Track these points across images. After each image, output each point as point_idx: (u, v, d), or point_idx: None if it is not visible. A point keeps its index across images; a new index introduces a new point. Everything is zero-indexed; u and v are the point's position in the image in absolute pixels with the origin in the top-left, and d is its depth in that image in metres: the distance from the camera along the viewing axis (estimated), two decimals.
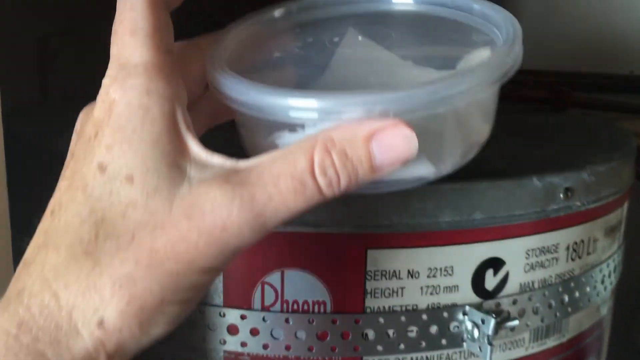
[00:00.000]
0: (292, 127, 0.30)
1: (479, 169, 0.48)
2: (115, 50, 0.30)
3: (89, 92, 0.31)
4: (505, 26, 0.33)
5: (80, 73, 0.78)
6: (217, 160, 0.29)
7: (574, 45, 1.02)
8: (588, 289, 0.53)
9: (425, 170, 0.33)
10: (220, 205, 0.27)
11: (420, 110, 0.29)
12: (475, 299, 0.47)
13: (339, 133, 0.28)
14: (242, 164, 0.29)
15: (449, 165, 0.35)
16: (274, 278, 0.45)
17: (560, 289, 0.51)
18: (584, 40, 1.02)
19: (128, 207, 0.27)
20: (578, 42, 1.02)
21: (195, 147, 0.29)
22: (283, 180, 0.27)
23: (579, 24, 1.02)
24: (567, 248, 0.51)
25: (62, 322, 0.27)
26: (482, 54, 0.33)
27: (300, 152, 0.28)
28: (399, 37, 0.38)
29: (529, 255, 0.49)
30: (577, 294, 0.52)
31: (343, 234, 0.44)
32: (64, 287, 0.27)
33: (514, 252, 0.48)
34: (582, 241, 0.52)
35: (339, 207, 0.44)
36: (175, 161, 0.28)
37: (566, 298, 0.51)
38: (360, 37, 0.36)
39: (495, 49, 0.33)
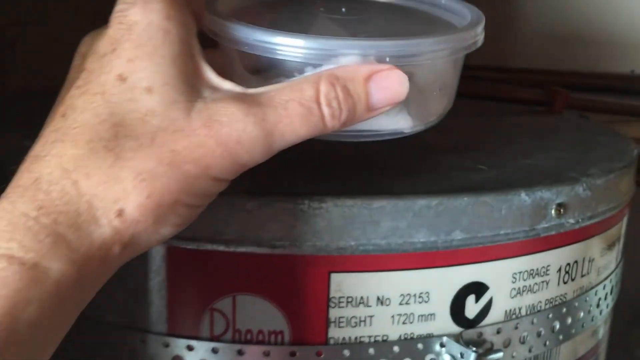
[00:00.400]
0: (299, 69, 0.33)
1: (459, 181, 0.43)
2: None
3: (49, 82, 0.32)
4: (470, 15, 0.38)
5: (39, 64, 0.73)
6: (228, 85, 0.31)
7: (571, 44, 0.97)
8: (582, 314, 0.48)
9: (404, 123, 0.37)
10: (236, 119, 0.30)
11: (412, 58, 0.33)
12: (454, 328, 0.42)
13: (341, 71, 0.32)
14: (252, 90, 0.31)
15: (422, 123, 0.38)
16: (224, 304, 0.39)
17: (550, 316, 0.45)
18: (583, 38, 0.96)
19: (147, 114, 0.29)
20: (576, 40, 0.97)
21: (208, 71, 0.31)
22: (292, 105, 0.30)
23: (578, 21, 0.96)
24: (559, 270, 0.45)
25: (82, 209, 0.28)
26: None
27: (308, 83, 0.31)
28: (373, 19, 0.42)
29: (515, 278, 0.43)
30: (569, 320, 0.47)
31: (303, 256, 0.39)
32: (84, 176, 0.28)
33: (498, 275, 0.42)
34: (576, 262, 0.47)
35: (299, 224, 0.38)
36: (191, 81, 0.30)
37: (557, 325, 0.46)
38: (343, 9, 0.41)
39: (462, 27, 0.38)
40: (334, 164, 0.45)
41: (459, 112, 0.51)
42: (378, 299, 0.40)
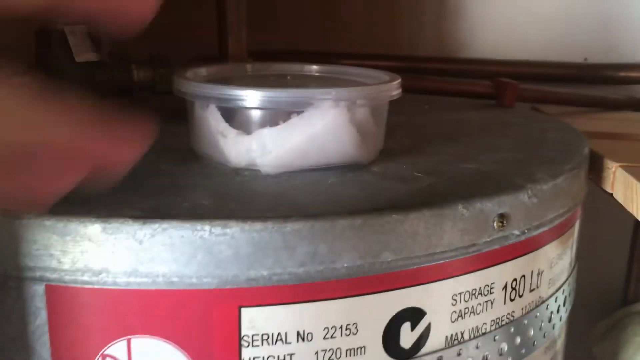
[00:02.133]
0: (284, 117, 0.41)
1: (388, 194, 0.38)
2: None
3: None
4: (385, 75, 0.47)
5: None
6: None
7: (521, 32, 0.93)
8: (532, 331, 0.44)
9: (364, 155, 0.43)
10: None
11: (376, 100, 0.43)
12: None
13: None
14: None
15: (373, 156, 0.45)
16: (118, 349, 0.34)
17: (497, 338, 0.41)
18: (533, 26, 0.93)
19: None
20: (526, 29, 0.93)
21: None
22: None
23: (527, 8, 0.93)
24: (505, 287, 0.41)
25: None
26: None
27: None
28: (315, 84, 0.51)
29: (456, 300, 0.38)
30: (518, 340, 0.43)
31: (208, 290, 0.33)
32: None
33: (436, 298, 0.38)
34: (523, 277, 0.42)
35: (200, 254, 0.33)
36: None
37: (505, 347, 0.42)
38: (289, 77, 0.51)
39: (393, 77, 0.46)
40: (239, 184, 0.40)
41: (400, 109, 0.47)
42: (298, 334, 0.35)
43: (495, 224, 0.39)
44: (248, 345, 0.34)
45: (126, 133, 0.30)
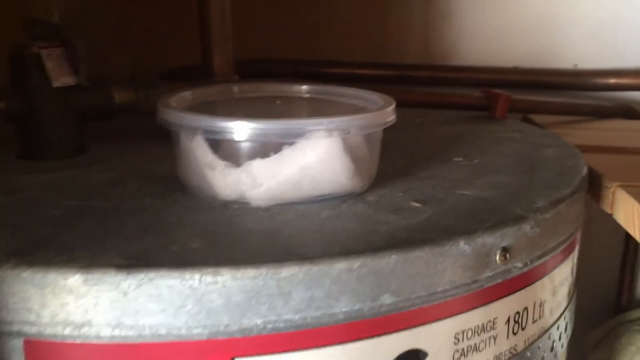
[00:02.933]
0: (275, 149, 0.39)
1: (385, 231, 0.36)
2: None
3: None
4: (377, 97, 0.45)
5: None
6: None
7: (510, 38, 0.92)
8: None
9: (358, 184, 0.42)
10: None
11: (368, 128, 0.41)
12: None
13: None
14: None
15: (367, 184, 0.43)
16: None
17: None
18: (522, 32, 0.91)
19: None
20: (515, 35, 0.91)
21: None
22: None
23: (515, 15, 0.91)
24: (508, 321, 0.39)
25: None
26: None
27: None
28: (304, 108, 0.50)
29: (458, 339, 0.37)
30: None
31: (198, 342, 0.31)
32: None
33: (438, 339, 0.36)
34: (526, 309, 0.41)
35: (189, 304, 0.31)
36: None
37: None
38: (278, 102, 0.49)
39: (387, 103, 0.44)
40: (228, 219, 0.38)
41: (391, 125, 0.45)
42: None
43: (497, 258, 0.37)
44: None
45: None
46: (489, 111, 0.71)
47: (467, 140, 0.61)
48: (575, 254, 0.48)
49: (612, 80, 0.88)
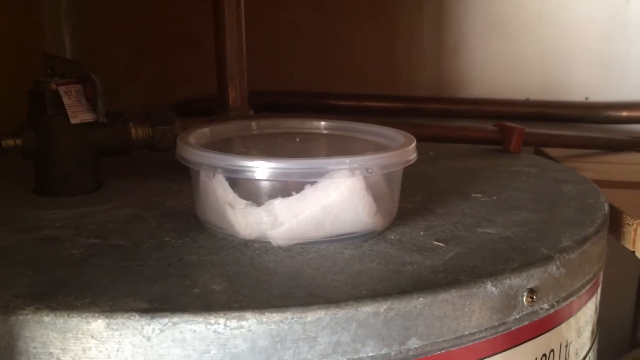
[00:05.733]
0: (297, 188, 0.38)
1: (410, 272, 0.35)
2: None
3: None
4: (397, 135, 0.46)
5: None
6: None
7: (521, 71, 0.92)
8: None
9: (379, 223, 0.41)
10: None
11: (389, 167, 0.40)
12: None
13: None
14: None
15: (388, 222, 0.43)
16: None
17: None
18: (533, 64, 0.92)
19: None
20: (526, 67, 0.92)
21: None
22: None
23: (526, 47, 0.92)
24: None
25: None
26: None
27: None
28: (324, 145, 0.50)
29: None
30: None
31: None
32: None
33: None
34: (552, 351, 0.40)
35: (213, 349, 0.30)
36: None
37: None
38: (297, 139, 0.49)
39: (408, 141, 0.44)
40: (249, 259, 0.38)
41: None
42: None
43: (524, 300, 0.36)
44: None
45: None
46: (503, 145, 0.71)
47: (483, 175, 0.61)
48: (598, 294, 0.47)
49: (624, 113, 0.88)
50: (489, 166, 0.64)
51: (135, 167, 0.58)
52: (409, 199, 0.49)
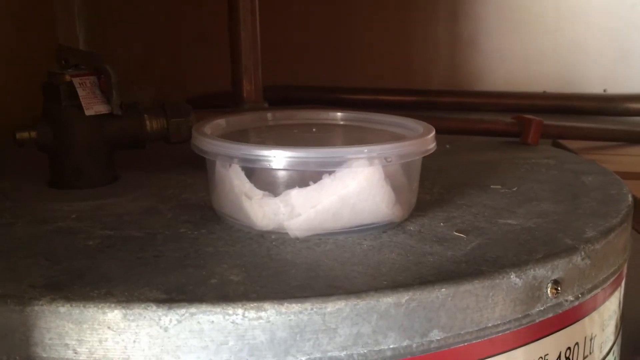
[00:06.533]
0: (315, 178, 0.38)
1: (432, 262, 0.35)
2: None
3: None
4: (416, 125, 0.45)
5: None
6: None
7: (538, 64, 0.91)
8: None
9: (398, 213, 0.40)
10: None
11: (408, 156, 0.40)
12: None
13: None
14: None
15: (407, 213, 0.42)
16: None
17: None
18: (550, 57, 0.90)
19: None
20: (543, 60, 0.91)
21: None
22: None
23: (542, 40, 0.90)
24: (559, 357, 0.37)
25: None
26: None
27: None
28: (340, 135, 0.49)
29: None
30: None
31: None
32: None
33: None
34: (577, 344, 0.39)
35: (231, 340, 0.30)
36: None
37: None
38: (314, 130, 0.48)
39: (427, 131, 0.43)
40: (267, 250, 0.37)
41: None
42: None
43: (549, 291, 0.35)
44: None
45: None
46: (521, 137, 0.69)
47: (502, 167, 0.60)
48: (622, 287, 0.46)
49: None
50: (507, 158, 0.63)
51: (149, 160, 0.57)
52: (427, 191, 0.49)
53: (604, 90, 0.89)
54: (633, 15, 0.89)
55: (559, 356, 0.38)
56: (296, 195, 0.37)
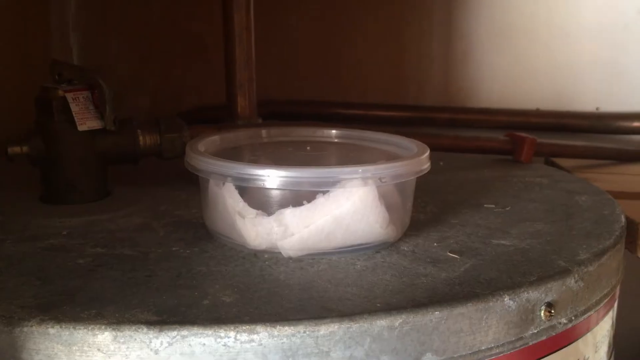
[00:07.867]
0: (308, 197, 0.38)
1: (425, 285, 0.34)
2: None
3: None
4: (410, 144, 0.45)
5: None
6: None
7: (531, 80, 0.91)
8: None
9: (392, 233, 0.40)
10: None
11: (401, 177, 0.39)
12: None
13: None
14: None
15: (401, 233, 0.42)
16: None
17: None
18: (543, 74, 0.91)
19: None
20: (536, 77, 0.91)
21: None
22: None
23: (535, 57, 0.91)
24: None
25: None
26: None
27: None
28: (334, 153, 0.50)
29: None
30: None
31: None
32: None
33: None
34: None
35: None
36: None
37: None
38: (308, 147, 0.48)
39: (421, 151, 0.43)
40: (260, 270, 0.37)
41: None
42: None
43: (542, 314, 0.35)
44: None
45: None
46: (514, 155, 0.70)
47: (495, 185, 0.60)
48: (615, 308, 0.46)
49: (636, 124, 0.87)
50: (501, 176, 0.63)
51: (143, 174, 0.57)
52: (421, 210, 0.49)
53: (597, 109, 0.89)
54: (626, 33, 0.89)
55: None
56: (290, 214, 0.37)
